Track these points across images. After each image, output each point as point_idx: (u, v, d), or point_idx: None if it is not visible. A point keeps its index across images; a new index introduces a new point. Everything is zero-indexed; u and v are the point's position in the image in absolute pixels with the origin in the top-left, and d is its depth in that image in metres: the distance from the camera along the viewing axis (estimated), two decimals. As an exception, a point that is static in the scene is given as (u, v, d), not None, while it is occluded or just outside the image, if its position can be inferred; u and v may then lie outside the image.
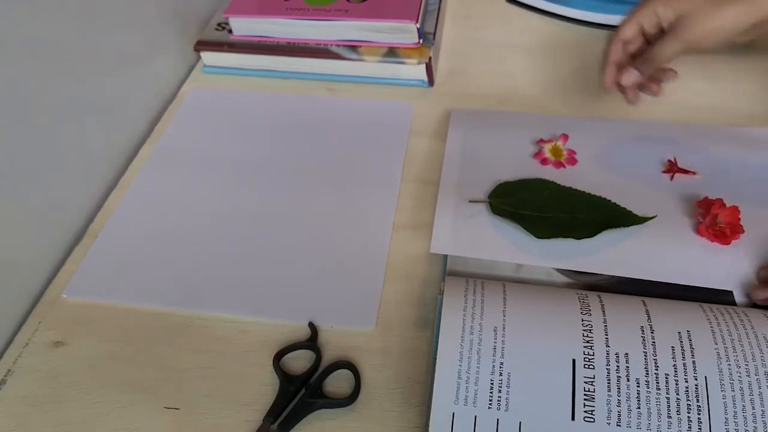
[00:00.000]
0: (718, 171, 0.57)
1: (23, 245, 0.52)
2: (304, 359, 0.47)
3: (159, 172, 0.62)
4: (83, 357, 0.48)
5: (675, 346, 0.39)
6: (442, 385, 0.38)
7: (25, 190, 0.52)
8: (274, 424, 0.42)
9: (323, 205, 0.58)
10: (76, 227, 0.57)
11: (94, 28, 0.59)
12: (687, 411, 0.37)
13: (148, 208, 0.59)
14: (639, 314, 0.42)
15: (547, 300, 0.43)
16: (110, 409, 0.45)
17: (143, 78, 0.68)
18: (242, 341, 0.48)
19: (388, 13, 0.69)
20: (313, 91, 0.72)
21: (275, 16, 0.71)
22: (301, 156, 0.63)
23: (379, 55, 0.70)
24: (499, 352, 0.39)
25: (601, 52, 0.58)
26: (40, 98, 0.53)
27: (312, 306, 0.50)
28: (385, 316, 0.49)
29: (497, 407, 0.37)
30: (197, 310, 0.50)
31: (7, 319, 0.50)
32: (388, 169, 0.61)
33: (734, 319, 0.42)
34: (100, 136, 0.61)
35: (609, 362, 0.38)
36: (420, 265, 0.53)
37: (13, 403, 0.45)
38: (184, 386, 0.46)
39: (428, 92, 0.71)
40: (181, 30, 0.74)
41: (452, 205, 0.54)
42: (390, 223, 0.56)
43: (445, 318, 0.41)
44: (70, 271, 0.54)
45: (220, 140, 0.65)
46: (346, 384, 0.45)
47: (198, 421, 0.44)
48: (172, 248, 0.55)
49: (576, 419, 0.37)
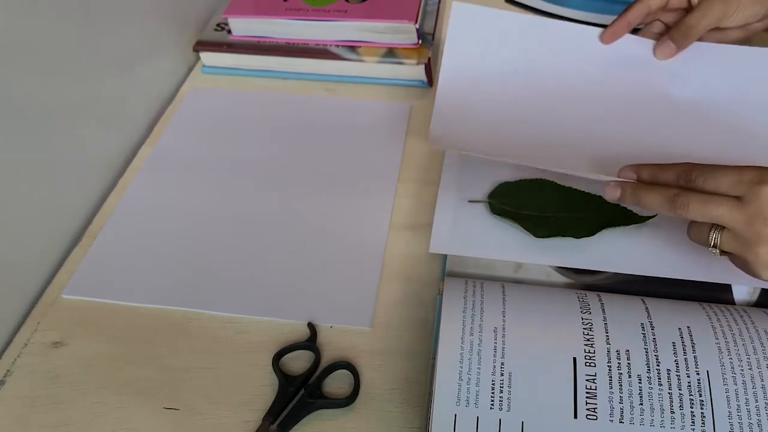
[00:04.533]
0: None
1: (22, 246, 0.52)
2: (303, 359, 0.47)
3: (158, 172, 0.62)
4: (82, 357, 0.48)
5: (676, 342, 0.39)
6: (443, 387, 0.38)
7: (23, 191, 0.52)
8: (273, 425, 0.42)
9: (322, 204, 0.58)
10: (75, 228, 0.57)
11: (93, 28, 0.59)
12: (690, 406, 0.36)
13: (147, 209, 0.58)
14: (639, 312, 0.42)
15: (547, 300, 0.43)
16: (109, 410, 0.44)
17: (142, 78, 0.68)
18: (241, 341, 0.48)
19: (387, 13, 0.69)
20: (312, 91, 0.72)
21: (274, 17, 0.71)
22: (300, 156, 0.63)
23: (378, 55, 0.70)
24: (499, 353, 0.39)
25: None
26: (39, 99, 0.53)
27: (311, 306, 0.50)
28: (385, 316, 0.49)
29: (499, 407, 0.37)
30: (196, 310, 0.50)
31: (6, 319, 0.50)
32: (388, 169, 0.61)
33: (734, 315, 0.42)
34: (98, 136, 0.61)
35: (610, 359, 0.38)
36: (419, 266, 0.53)
37: (13, 403, 0.45)
38: (183, 386, 0.46)
39: (428, 93, 0.71)
40: (180, 30, 0.74)
41: (452, 204, 0.54)
42: (388, 224, 0.56)
43: (445, 319, 0.41)
44: (69, 272, 0.54)
45: (219, 141, 0.65)
46: (345, 384, 0.45)
47: (197, 421, 0.44)
48: (171, 248, 0.55)
49: (578, 417, 0.36)
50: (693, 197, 0.40)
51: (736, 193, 0.39)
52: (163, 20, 0.71)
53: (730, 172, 0.40)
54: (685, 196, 0.41)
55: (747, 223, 0.39)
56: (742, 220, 0.39)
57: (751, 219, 0.38)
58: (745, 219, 0.39)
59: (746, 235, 0.39)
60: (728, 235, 0.40)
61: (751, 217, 0.38)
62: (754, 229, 0.38)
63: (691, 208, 0.40)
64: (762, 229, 0.38)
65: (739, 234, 0.39)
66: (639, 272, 0.48)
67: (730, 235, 0.40)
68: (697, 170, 0.41)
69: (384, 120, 0.67)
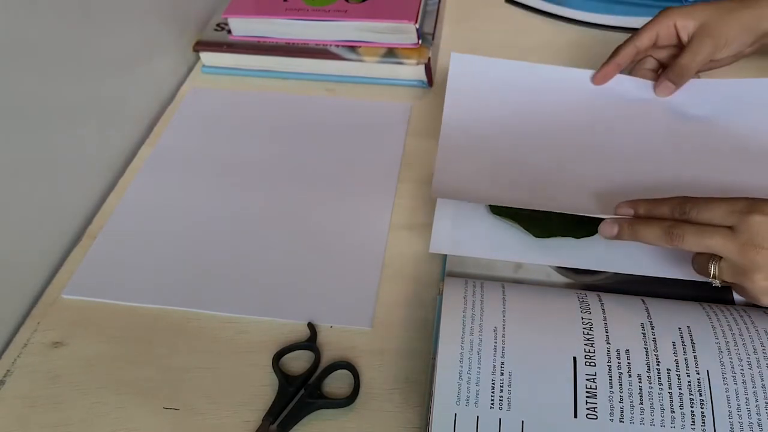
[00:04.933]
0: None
1: (22, 246, 0.52)
2: (303, 359, 0.47)
3: (158, 172, 0.62)
4: (82, 357, 0.48)
5: (676, 342, 0.39)
6: (443, 387, 0.38)
7: (23, 191, 0.52)
8: (273, 425, 0.42)
9: (322, 204, 0.58)
10: (74, 228, 0.57)
11: (93, 28, 0.59)
12: (690, 405, 0.36)
13: (147, 209, 0.58)
14: (639, 311, 0.42)
15: (547, 299, 0.43)
16: (109, 410, 0.44)
17: (142, 78, 0.68)
18: (241, 341, 0.48)
19: (387, 13, 0.69)
20: (312, 91, 0.72)
21: (274, 17, 0.71)
22: (300, 156, 0.63)
23: (378, 55, 0.70)
24: (499, 352, 0.39)
25: (600, 52, 0.58)
26: (39, 99, 0.53)
27: (311, 306, 0.50)
28: (385, 316, 0.49)
29: (499, 407, 0.37)
30: (196, 310, 0.50)
31: (6, 319, 0.50)
32: (387, 169, 0.61)
33: (734, 314, 0.42)
34: (98, 136, 0.61)
35: (610, 359, 0.38)
36: (419, 266, 0.53)
37: (12, 403, 0.45)
38: (183, 386, 0.46)
39: (427, 93, 0.71)
40: (180, 30, 0.74)
41: (452, 204, 0.54)
42: (388, 224, 0.56)
43: (445, 319, 0.41)
44: (69, 272, 0.53)
45: (219, 141, 0.65)
46: (345, 384, 0.45)
47: (197, 421, 0.44)
48: (171, 248, 0.55)
49: (578, 416, 0.36)
50: (688, 229, 0.42)
51: (728, 223, 0.41)
52: (163, 20, 0.71)
53: (722, 203, 0.41)
54: (680, 228, 0.42)
55: (740, 252, 0.40)
56: (735, 249, 0.40)
57: (744, 248, 0.40)
58: (737, 248, 0.40)
59: (741, 264, 0.40)
60: (725, 264, 0.41)
61: (743, 245, 0.40)
62: (747, 258, 0.40)
63: (686, 239, 0.42)
64: (755, 257, 0.39)
65: (735, 263, 0.41)
66: (639, 272, 0.48)
67: (726, 264, 0.41)
68: (691, 203, 0.43)
69: (384, 120, 0.67)
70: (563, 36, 0.78)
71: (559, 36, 0.78)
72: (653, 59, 0.62)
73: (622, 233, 0.45)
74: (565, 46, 0.76)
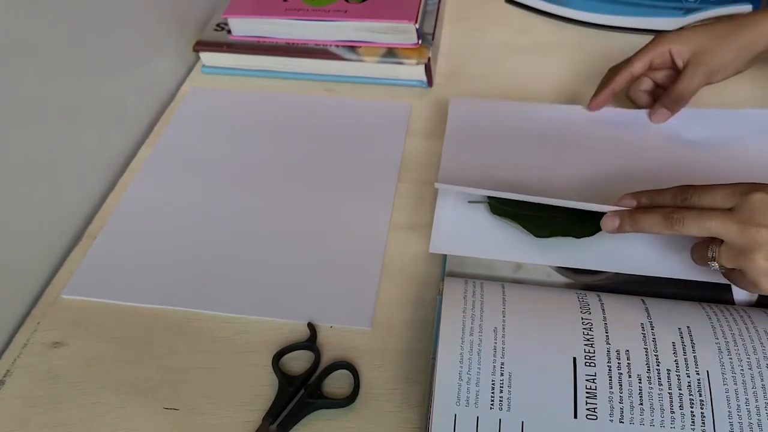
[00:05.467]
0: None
1: (22, 246, 0.52)
2: (303, 359, 0.47)
3: (158, 172, 0.62)
4: (82, 357, 0.48)
5: (675, 342, 0.39)
6: (443, 387, 0.38)
7: (23, 191, 0.52)
8: (273, 425, 0.42)
9: (322, 204, 0.58)
10: (74, 228, 0.57)
11: (93, 28, 0.59)
12: (690, 406, 0.37)
13: (147, 209, 0.58)
14: (639, 312, 0.42)
15: (547, 300, 0.43)
16: (109, 410, 0.44)
17: (142, 78, 0.68)
18: (241, 341, 0.48)
19: (387, 13, 0.69)
20: (312, 91, 0.72)
21: (274, 17, 0.71)
22: (300, 156, 0.63)
23: (378, 55, 0.70)
24: (499, 353, 0.39)
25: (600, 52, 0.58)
26: (39, 99, 0.53)
27: (311, 306, 0.50)
28: (385, 316, 0.49)
29: (499, 407, 0.37)
30: (196, 310, 0.50)
31: (5, 319, 0.50)
32: (388, 169, 0.61)
33: (734, 315, 0.42)
34: (98, 136, 0.61)
35: (610, 359, 0.38)
36: (419, 266, 0.53)
37: (12, 403, 0.45)
38: (183, 387, 0.46)
39: (427, 93, 0.71)
40: (180, 30, 0.74)
41: (452, 204, 0.54)
42: (388, 224, 0.56)
43: (445, 319, 0.41)
44: (69, 272, 0.53)
45: (219, 141, 0.65)
46: (345, 384, 0.45)
47: (197, 421, 0.44)
48: (171, 248, 0.55)
49: (578, 417, 0.37)
50: (687, 213, 0.42)
51: (729, 204, 0.41)
52: (163, 20, 0.71)
53: (724, 187, 0.42)
54: (680, 213, 0.42)
55: (740, 232, 0.40)
56: (736, 228, 0.40)
57: (744, 227, 0.39)
58: (738, 227, 0.40)
59: (741, 244, 0.40)
60: (725, 247, 0.41)
61: (743, 224, 0.39)
62: (748, 236, 0.39)
63: (686, 223, 0.41)
64: (755, 235, 0.39)
65: (735, 244, 0.40)
66: (639, 272, 0.48)
67: (726, 247, 0.41)
68: (693, 189, 0.43)
69: (384, 120, 0.67)
70: (563, 36, 0.78)
71: (559, 36, 0.78)
72: (649, 79, 0.62)
73: (624, 225, 0.45)
74: (565, 46, 0.76)
